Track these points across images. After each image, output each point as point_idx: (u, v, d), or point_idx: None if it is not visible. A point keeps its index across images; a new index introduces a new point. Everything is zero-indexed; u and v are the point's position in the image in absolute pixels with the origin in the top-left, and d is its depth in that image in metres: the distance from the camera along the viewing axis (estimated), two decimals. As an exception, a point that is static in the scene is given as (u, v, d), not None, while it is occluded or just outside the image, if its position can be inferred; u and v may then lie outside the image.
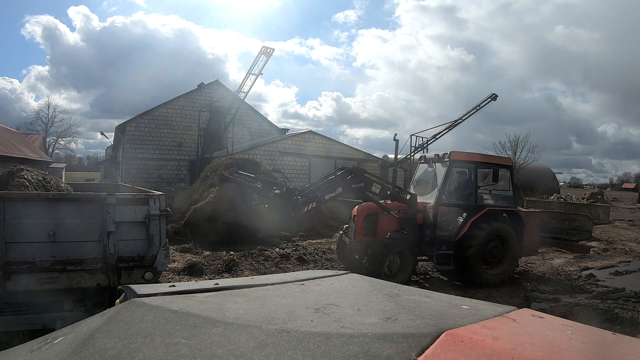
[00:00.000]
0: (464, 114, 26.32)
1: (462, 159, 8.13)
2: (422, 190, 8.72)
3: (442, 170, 8.15)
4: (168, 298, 1.32)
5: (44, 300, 4.31)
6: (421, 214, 7.87)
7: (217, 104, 26.10)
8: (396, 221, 7.63)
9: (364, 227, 7.59)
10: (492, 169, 8.03)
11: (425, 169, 9.07)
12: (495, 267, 7.97)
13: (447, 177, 7.92)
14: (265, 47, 22.82)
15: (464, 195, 8.10)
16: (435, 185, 8.33)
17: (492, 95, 25.93)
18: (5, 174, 5.14)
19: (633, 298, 7.04)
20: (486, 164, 8.28)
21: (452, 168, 8.04)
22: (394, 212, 7.60)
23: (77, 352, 1.03)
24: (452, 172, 8.11)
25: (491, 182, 8.15)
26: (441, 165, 8.25)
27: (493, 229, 7.78)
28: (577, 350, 1.05)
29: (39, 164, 20.27)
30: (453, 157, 7.94)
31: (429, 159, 8.85)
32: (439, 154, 8.37)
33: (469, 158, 8.20)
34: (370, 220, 7.63)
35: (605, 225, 17.55)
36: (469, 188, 8.13)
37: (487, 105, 26.09)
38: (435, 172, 8.54)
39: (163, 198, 4.80)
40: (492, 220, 7.80)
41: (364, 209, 7.72)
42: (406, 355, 0.92)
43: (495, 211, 7.99)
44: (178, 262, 8.39)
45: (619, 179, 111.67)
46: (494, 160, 8.55)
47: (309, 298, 1.44)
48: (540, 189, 32.48)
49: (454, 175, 8.27)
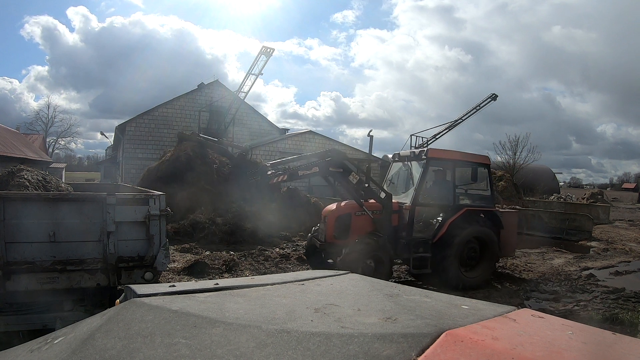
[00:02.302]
0: (464, 114, 26.34)
1: (440, 156, 7.80)
2: (396, 189, 8.30)
3: (418, 168, 7.79)
4: (168, 298, 1.32)
5: (44, 300, 4.31)
6: (396, 215, 7.46)
7: (217, 104, 26.09)
8: (370, 222, 7.24)
9: (335, 228, 7.18)
10: (471, 168, 7.78)
11: (399, 168, 8.64)
12: (473, 269, 7.69)
13: (423, 175, 7.55)
14: (265, 47, 22.87)
15: (442, 195, 7.77)
16: (411, 185, 7.96)
17: (492, 95, 25.94)
18: (5, 174, 5.14)
19: (633, 298, 7.04)
20: (464, 162, 7.97)
21: (429, 166, 7.68)
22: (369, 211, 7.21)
23: (77, 352, 1.03)
24: (429, 170, 7.76)
25: (469, 181, 7.87)
26: (417, 163, 7.88)
27: (472, 230, 7.51)
28: (577, 350, 1.05)
29: (39, 164, 20.27)
30: (430, 154, 7.61)
31: (404, 157, 8.41)
32: (415, 152, 8.08)
33: (446, 156, 7.89)
34: (342, 221, 7.22)
35: (605, 225, 17.56)
36: (446, 187, 7.82)
37: (487, 105, 26.12)
38: (411, 170, 8.17)
39: (163, 198, 4.80)
40: (470, 220, 7.53)
41: (336, 209, 7.36)
42: (406, 355, 0.92)
43: (474, 211, 7.72)
44: (178, 262, 8.39)
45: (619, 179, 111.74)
46: (473, 159, 8.21)
47: (309, 298, 1.44)
48: (540, 189, 32.48)
49: (431, 174, 7.94)
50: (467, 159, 8.05)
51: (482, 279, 7.70)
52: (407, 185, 8.20)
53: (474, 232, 7.54)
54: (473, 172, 7.71)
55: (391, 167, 8.85)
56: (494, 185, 8.74)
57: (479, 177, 7.87)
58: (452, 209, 7.52)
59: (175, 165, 8.53)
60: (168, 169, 8.52)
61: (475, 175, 7.73)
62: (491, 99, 25.99)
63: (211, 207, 11.93)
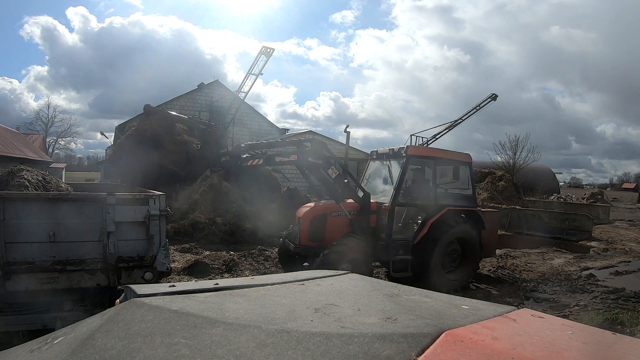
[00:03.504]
0: (464, 114, 26.34)
1: (420, 154, 7.57)
2: (374, 189, 7.91)
3: (397, 166, 7.46)
4: (168, 298, 1.33)
5: (44, 300, 4.31)
6: (375, 215, 7.09)
7: (217, 103, 26.14)
8: (347, 224, 6.85)
9: (310, 230, 6.73)
10: (452, 166, 7.48)
11: (377, 166, 8.27)
12: (454, 271, 7.40)
13: (403, 174, 7.21)
14: (265, 47, 22.90)
15: (422, 194, 7.44)
16: (390, 184, 7.61)
17: (492, 95, 25.95)
18: (5, 174, 5.13)
19: (633, 298, 7.03)
20: (445, 160, 7.67)
21: (409, 164, 7.38)
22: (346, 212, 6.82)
23: (77, 352, 1.03)
24: (409, 168, 7.47)
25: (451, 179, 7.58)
26: (397, 161, 7.54)
27: (454, 230, 7.23)
28: (577, 350, 1.05)
29: (39, 164, 20.27)
30: (410, 152, 7.32)
31: (383, 155, 8.02)
32: (395, 149, 7.65)
33: (427, 153, 7.67)
34: (317, 222, 6.78)
35: (605, 225, 17.57)
36: (427, 186, 7.51)
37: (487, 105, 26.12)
38: (390, 169, 7.82)
39: (163, 198, 4.79)
40: (452, 221, 7.24)
41: (310, 210, 6.94)
42: (406, 355, 0.92)
43: (455, 211, 7.43)
44: (178, 262, 8.39)
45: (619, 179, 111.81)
46: (454, 157, 7.88)
47: (309, 298, 1.44)
48: (540, 189, 32.47)
49: (410, 173, 7.67)
50: (448, 157, 7.79)
51: (464, 281, 7.43)
52: (386, 184, 7.88)
53: (456, 233, 7.28)
54: (455, 171, 7.44)
55: (369, 165, 8.50)
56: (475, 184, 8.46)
57: (460, 176, 7.61)
58: (433, 209, 7.22)
59: (139, 140, 7.32)
60: (131, 144, 7.23)
61: (457, 174, 7.46)
62: (491, 99, 25.99)
63: (211, 207, 11.94)
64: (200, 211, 11.71)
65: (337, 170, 6.83)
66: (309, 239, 6.75)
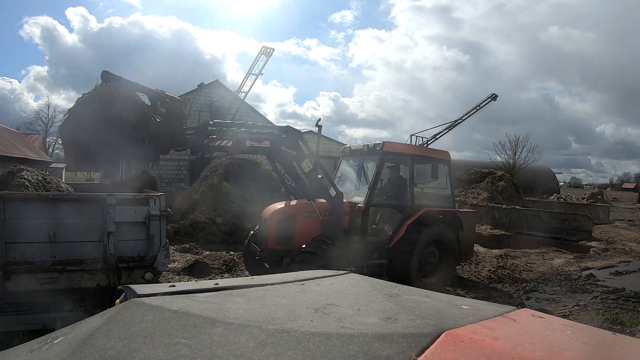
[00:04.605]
0: (464, 114, 26.38)
1: (397, 151, 7.03)
2: (347, 188, 7.44)
3: (372, 164, 7.02)
4: (168, 298, 1.33)
5: (44, 300, 4.31)
6: (348, 217, 6.57)
7: (217, 104, 26.13)
8: (318, 225, 6.29)
9: (278, 233, 6.18)
10: (431, 164, 6.98)
11: (351, 164, 7.82)
12: (431, 275, 7.01)
13: (378, 172, 6.76)
14: (265, 47, 22.93)
15: (398, 194, 7.04)
16: (364, 183, 7.18)
17: (492, 95, 25.98)
18: (5, 174, 5.13)
19: (633, 298, 7.03)
20: (423, 157, 7.27)
21: (385, 162, 6.93)
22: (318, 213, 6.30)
23: (77, 352, 1.03)
24: (385, 166, 7.04)
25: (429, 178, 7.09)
26: (372, 158, 7.11)
27: (432, 232, 6.82)
28: (577, 350, 1.05)
29: (39, 164, 20.28)
30: (386, 148, 6.78)
31: (356, 151, 7.49)
32: (369, 145, 7.15)
33: (404, 150, 7.18)
34: (285, 224, 6.22)
35: (605, 225, 17.56)
36: (404, 185, 7.10)
37: (487, 105, 26.14)
38: (364, 167, 7.42)
39: (163, 198, 4.79)
40: (430, 222, 6.83)
41: (278, 210, 6.40)
42: (406, 355, 0.92)
43: (433, 212, 7.02)
44: (178, 262, 8.39)
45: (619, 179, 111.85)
46: (432, 154, 7.49)
47: (309, 298, 1.44)
48: (540, 189, 32.43)
49: (386, 171, 7.22)
50: (426, 154, 7.47)
51: (441, 285, 6.92)
52: (360, 183, 7.51)
53: (433, 235, 6.88)
54: (433, 169, 6.92)
55: (341, 163, 7.98)
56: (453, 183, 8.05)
57: (439, 175, 7.16)
58: (410, 209, 6.82)
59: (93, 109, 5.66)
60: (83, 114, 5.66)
61: (436, 173, 6.97)
62: (491, 99, 26.03)
63: (211, 207, 11.94)
64: (200, 211, 11.72)
65: (311, 164, 6.30)
66: (277, 242, 6.18)
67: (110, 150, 5.26)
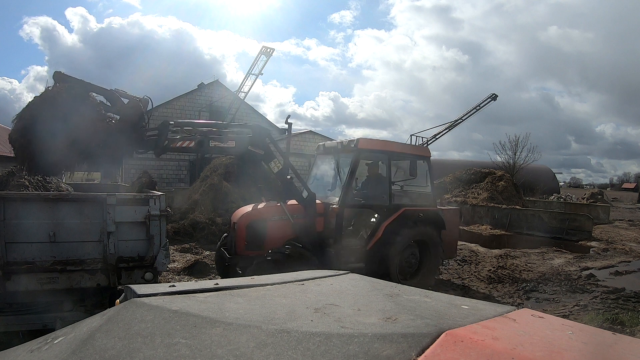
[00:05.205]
0: (464, 114, 26.39)
1: (372, 147, 6.65)
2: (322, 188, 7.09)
3: (348, 162, 6.63)
4: (168, 298, 1.33)
5: (44, 300, 4.31)
6: (321, 219, 6.20)
7: (217, 104, 26.15)
8: (290, 229, 5.92)
9: (247, 237, 5.88)
10: (409, 161, 6.68)
11: (326, 162, 7.46)
12: (412, 278, 6.71)
13: (353, 170, 6.38)
14: (265, 47, 22.94)
15: (376, 194, 6.69)
16: (339, 182, 6.82)
17: (492, 95, 25.99)
18: (5, 174, 5.13)
19: (633, 298, 7.03)
20: (402, 154, 6.96)
21: (361, 159, 6.59)
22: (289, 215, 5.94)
23: (77, 352, 1.03)
24: (361, 164, 6.71)
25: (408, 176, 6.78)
26: (346, 156, 6.73)
27: (412, 233, 6.50)
28: (577, 350, 1.05)
29: (39, 164, 20.21)
30: (360, 145, 6.41)
31: (331, 149, 7.16)
32: (344, 142, 6.83)
33: (381, 147, 6.76)
34: (255, 228, 5.90)
35: (605, 225, 17.55)
36: (381, 184, 6.73)
37: (487, 105, 26.16)
38: (339, 165, 7.03)
39: (163, 198, 4.80)
40: (410, 222, 6.50)
41: (247, 214, 6.08)
42: (406, 355, 0.92)
43: (413, 211, 6.69)
44: (178, 262, 8.40)
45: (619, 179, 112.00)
46: (411, 151, 7.17)
47: (309, 298, 1.44)
48: (540, 189, 32.48)
49: (362, 168, 6.91)
50: (404, 151, 7.08)
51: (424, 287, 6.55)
52: (335, 182, 7.12)
53: (414, 236, 6.58)
54: (412, 166, 6.61)
55: (316, 161, 7.63)
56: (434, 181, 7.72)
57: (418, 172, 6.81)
58: (388, 209, 6.48)
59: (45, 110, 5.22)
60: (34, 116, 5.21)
61: (415, 170, 6.64)
62: (491, 99, 26.04)
63: (211, 207, 11.94)
64: (200, 211, 11.73)
65: (280, 164, 5.91)
66: (246, 247, 5.88)
67: (64, 154, 4.91)
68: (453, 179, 20.32)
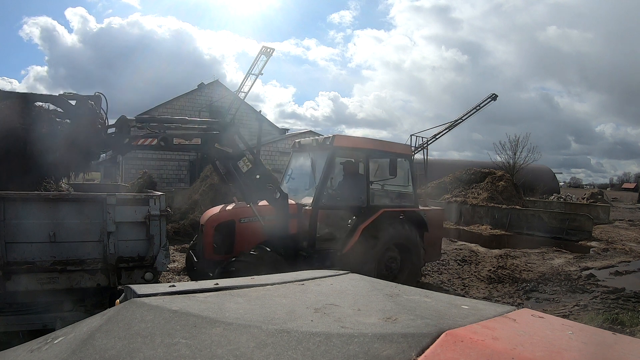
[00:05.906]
0: (464, 114, 26.38)
1: (348, 145, 6.29)
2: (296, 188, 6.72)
3: (322, 160, 6.22)
4: (168, 298, 1.33)
5: (44, 300, 4.31)
6: (295, 220, 5.84)
7: (217, 104, 26.16)
8: (260, 231, 5.58)
9: (215, 241, 5.61)
10: (389, 159, 6.20)
11: (301, 161, 7.03)
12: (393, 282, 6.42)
13: (329, 169, 6.04)
14: (265, 47, 22.95)
15: (353, 194, 6.31)
16: (314, 182, 6.40)
17: (492, 95, 25.98)
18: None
19: (633, 298, 7.03)
20: (380, 152, 6.50)
21: (336, 158, 6.27)
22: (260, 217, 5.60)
23: (77, 352, 1.03)
24: (336, 162, 6.38)
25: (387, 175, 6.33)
26: (321, 154, 6.31)
27: (391, 235, 6.15)
28: (577, 350, 1.05)
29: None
30: (337, 142, 6.06)
31: (306, 146, 6.76)
32: (319, 139, 6.46)
33: (357, 144, 6.40)
34: (223, 231, 5.63)
35: (605, 225, 17.55)
36: (358, 184, 6.34)
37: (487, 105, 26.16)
38: (314, 163, 6.58)
39: (163, 198, 4.80)
40: (389, 224, 6.17)
41: (215, 215, 5.78)
42: (406, 355, 0.92)
43: (392, 213, 6.37)
44: (178, 262, 8.39)
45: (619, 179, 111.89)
46: (391, 148, 6.66)
47: (309, 298, 1.44)
48: (540, 189, 32.47)
49: (338, 168, 6.58)
50: (383, 149, 6.59)
51: None
52: (311, 182, 6.62)
53: (393, 238, 6.21)
54: (391, 165, 6.13)
55: (291, 160, 7.28)
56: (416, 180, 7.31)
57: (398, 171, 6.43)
58: (366, 210, 6.14)
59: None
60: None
61: (394, 169, 6.17)
62: (491, 99, 26.02)
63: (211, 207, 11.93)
64: (200, 211, 11.71)
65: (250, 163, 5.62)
66: (214, 251, 5.61)
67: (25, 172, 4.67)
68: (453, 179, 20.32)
